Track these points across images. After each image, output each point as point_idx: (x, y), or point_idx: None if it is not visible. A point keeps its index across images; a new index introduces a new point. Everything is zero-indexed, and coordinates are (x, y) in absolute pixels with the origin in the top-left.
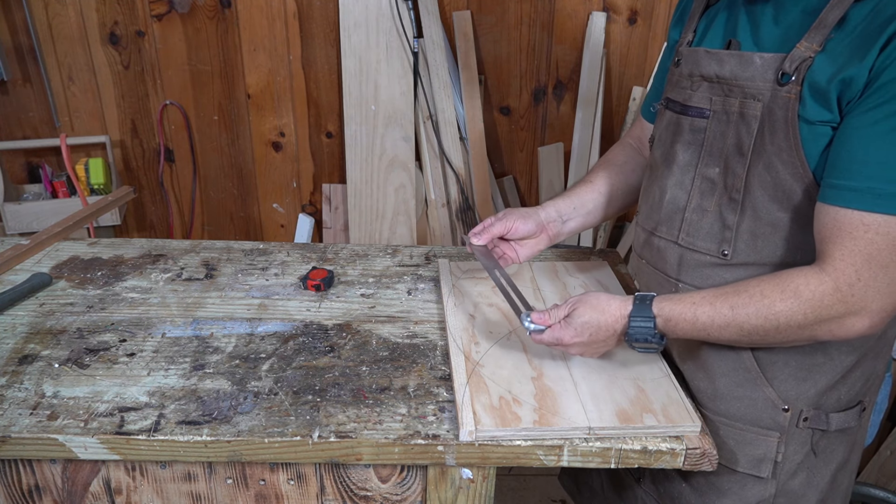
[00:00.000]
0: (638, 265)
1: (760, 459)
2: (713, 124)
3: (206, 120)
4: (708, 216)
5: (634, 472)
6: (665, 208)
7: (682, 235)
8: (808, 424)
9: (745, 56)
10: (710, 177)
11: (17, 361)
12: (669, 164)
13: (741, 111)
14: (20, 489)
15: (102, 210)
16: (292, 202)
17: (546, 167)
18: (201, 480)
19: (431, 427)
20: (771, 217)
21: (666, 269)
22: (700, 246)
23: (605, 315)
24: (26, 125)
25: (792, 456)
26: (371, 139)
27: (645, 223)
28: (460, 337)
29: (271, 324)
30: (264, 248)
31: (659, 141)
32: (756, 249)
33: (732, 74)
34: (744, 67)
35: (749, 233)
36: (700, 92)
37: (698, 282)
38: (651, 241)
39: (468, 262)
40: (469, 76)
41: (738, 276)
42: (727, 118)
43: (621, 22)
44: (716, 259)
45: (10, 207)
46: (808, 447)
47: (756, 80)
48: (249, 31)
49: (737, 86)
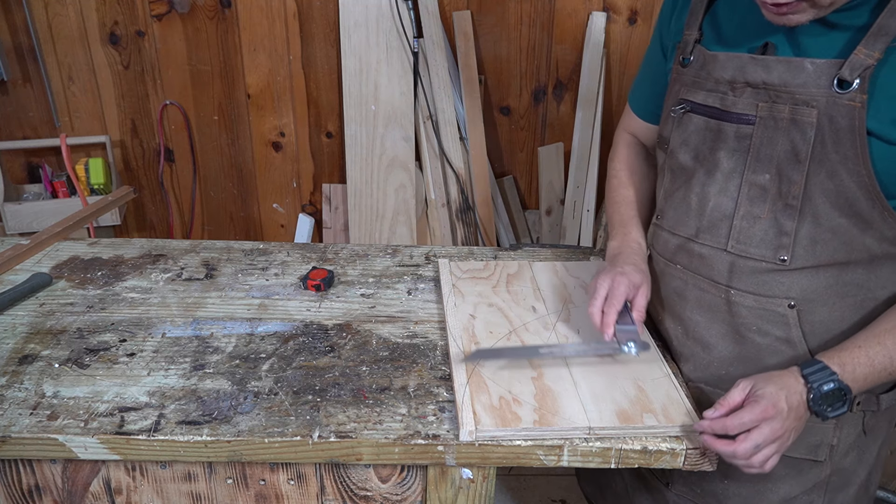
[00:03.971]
0: (664, 269)
1: (817, 445)
2: (760, 130)
3: (206, 120)
4: (761, 223)
5: (661, 476)
6: (708, 216)
7: (731, 243)
8: (860, 408)
9: (795, 62)
10: (759, 183)
11: (18, 361)
12: (711, 172)
13: (792, 117)
14: (20, 489)
15: (102, 210)
16: (292, 202)
17: (546, 167)
18: (201, 480)
19: (431, 427)
20: (832, 223)
21: (713, 276)
22: (754, 253)
23: (781, 378)
24: (26, 125)
25: (846, 438)
26: (371, 139)
27: (677, 229)
28: (460, 337)
29: (271, 324)
30: (264, 248)
31: (686, 145)
32: (815, 254)
33: (781, 81)
34: (794, 74)
35: (809, 239)
36: (744, 98)
37: (754, 288)
38: (689, 248)
39: (468, 262)
40: (469, 76)
41: (797, 280)
42: (776, 124)
43: (621, 22)
44: (773, 265)
45: (10, 207)
46: (860, 428)
47: (809, 87)
48: (249, 31)
49: (786, 92)
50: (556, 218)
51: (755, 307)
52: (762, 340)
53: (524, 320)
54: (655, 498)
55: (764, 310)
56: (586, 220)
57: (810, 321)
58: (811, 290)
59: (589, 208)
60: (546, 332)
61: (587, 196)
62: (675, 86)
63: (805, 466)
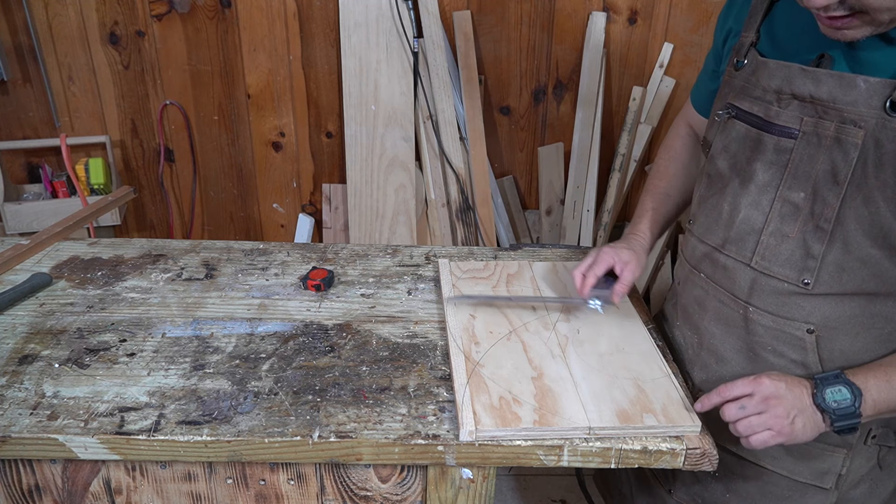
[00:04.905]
0: (689, 276)
1: (825, 472)
2: (801, 146)
3: (206, 120)
4: (788, 242)
5: (664, 482)
6: (737, 227)
7: (755, 258)
8: (875, 441)
9: (847, 77)
10: (793, 201)
11: (18, 361)
12: (745, 183)
13: (837, 136)
14: (20, 489)
15: (102, 210)
16: (292, 202)
17: (546, 167)
18: (201, 480)
19: (431, 427)
20: (862, 252)
21: (734, 290)
22: (777, 272)
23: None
24: (26, 125)
25: (857, 469)
26: (371, 139)
27: (706, 237)
28: (460, 337)
29: (271, 324)
30: (264, 248)
31: (725, 152)
32: (841, 282)
33: (830, 97)
34: (845, 91)
35: (835, 265)
36: (789, 110)
37: (773, 308)
38: (714, 258)
39: (468, 262)
40: (469, 76)
41: (819, 306)
42: (818, 141)
43: (621, 22)
44: (795, 287)
45: (10, 207)
46: (875, 462)
47: (859, 106)
48: (249, 31)
49: (834, 108)
50: (556, 218)
51: (773, 327)
52: (777, 361)
53: (524, 320)
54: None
55: (781, 331)
56: (586, 220)
57: (829, 348)
58: (833, 317)
59: (589, 208)
60: (546, 332)
61: (587, 196)
62: (725, 89)
63: (809, 491)
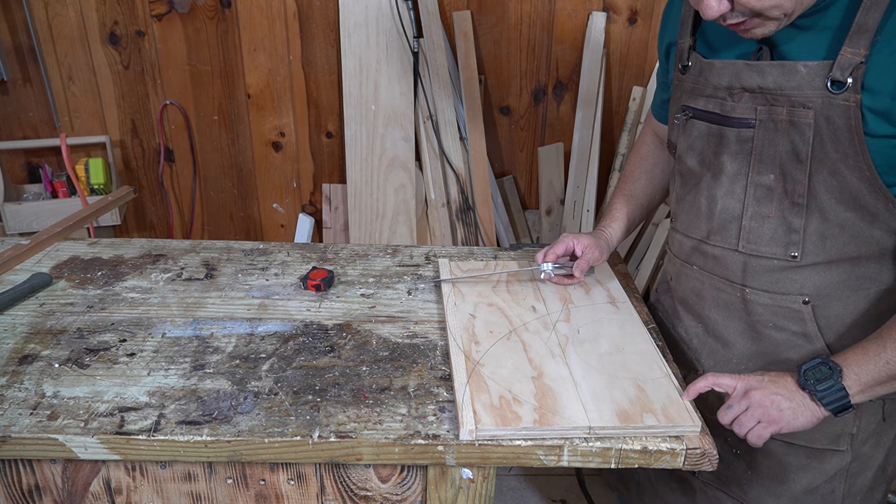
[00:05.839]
0: (681, 270)
1: (839, 435)
2: (761, 133)
3: (206, 120)
4: (769, 222)
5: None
6: (718, 218)
7: (741, 243)
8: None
9: (788, 65)
10: (765, 184)
11: (18, 361)
12: (717, 175)
13: (790, 119)
14: (20, 489)
15: (102, 210)
16: (292, 202)
17: (546, 167)
18: (201, 480)
19: (431, 427)
20: (839, 218)
21: (728, 276)
22: (765, 251)
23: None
24: (26, 125)
25: (866, 426)
26: (371, 139)
27: (690, 231)
28: (460, 336)
29: (271, 324)
30: (264, 248)
31: (691, 150)
32: (825, 249)
33: (776, 85)
34: (788, 77)
35: (817, 234)
36: (743, 103)
37: (767, 286)
38: (703, 250)
39: (468, 262)
40: (469, 76)
41: (809, 276)
42: (775, 126)
43: (621, 22)
44: (785, 262)
45: (10, 207)
46: (880, 416)
47: (804, 89)
48: (249, 31)
49: (782, 95)
50: (556, 218)
51: (770, 304)
52: (779, 336)
53: (524, 320)
54: (682, 486)
55: (779, 306)
56: (586, 220)
57: (825, 315)
58: (824, 285)
59: (589, 208)
60: (546, 332)
61: (587, 196)
62: (677, 92)
63: (827, 456)
